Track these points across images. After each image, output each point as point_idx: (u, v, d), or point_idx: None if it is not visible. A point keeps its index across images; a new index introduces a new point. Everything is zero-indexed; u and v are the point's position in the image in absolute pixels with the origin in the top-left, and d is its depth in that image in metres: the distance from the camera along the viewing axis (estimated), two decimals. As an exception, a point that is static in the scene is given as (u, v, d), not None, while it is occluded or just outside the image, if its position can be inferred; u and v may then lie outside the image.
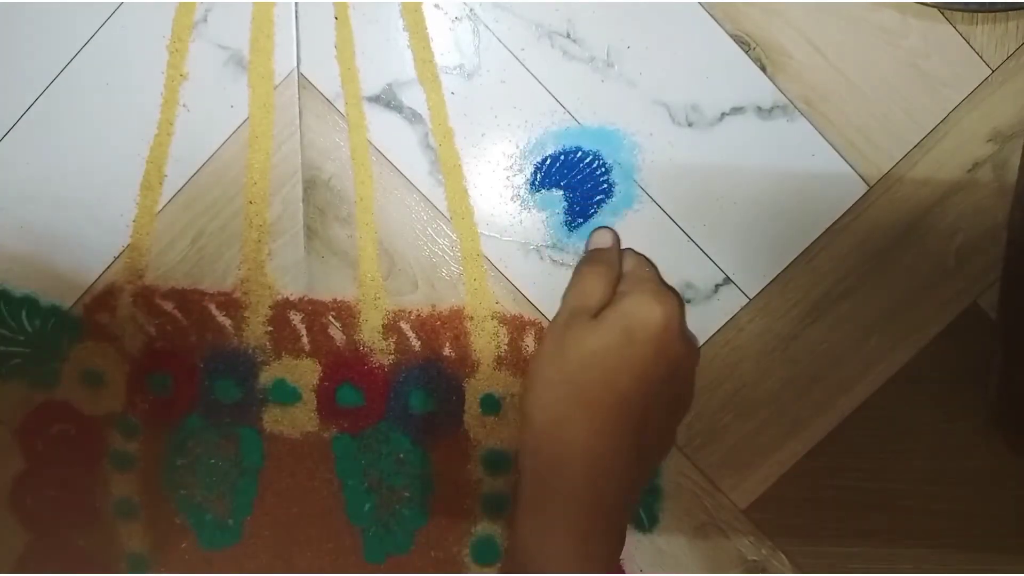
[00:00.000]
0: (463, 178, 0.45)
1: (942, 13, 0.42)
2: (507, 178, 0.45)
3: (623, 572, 0.49)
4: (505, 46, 0.44)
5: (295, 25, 0.44)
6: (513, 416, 0.47)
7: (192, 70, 0.44)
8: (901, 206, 0.45)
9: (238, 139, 0.45)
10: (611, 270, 0.42)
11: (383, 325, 0.47)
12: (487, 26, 0.44)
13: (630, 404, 0.39)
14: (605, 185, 0.45)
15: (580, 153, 0.45)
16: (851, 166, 0.44)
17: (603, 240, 0.44)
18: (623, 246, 0.45)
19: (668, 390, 0.41)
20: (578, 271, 0.43)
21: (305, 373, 0.47)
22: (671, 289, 0.44)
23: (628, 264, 0.43)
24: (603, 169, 0.45)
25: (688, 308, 0.46)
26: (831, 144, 0.44)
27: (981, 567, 0.48)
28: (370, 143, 0.45)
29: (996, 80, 0.43)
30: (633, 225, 0.45)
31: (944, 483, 0.48)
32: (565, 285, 0.45)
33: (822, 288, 0.46)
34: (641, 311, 0.39)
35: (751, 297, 0.46)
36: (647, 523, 0.48)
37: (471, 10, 0.43)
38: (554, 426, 0.39)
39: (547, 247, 0.46)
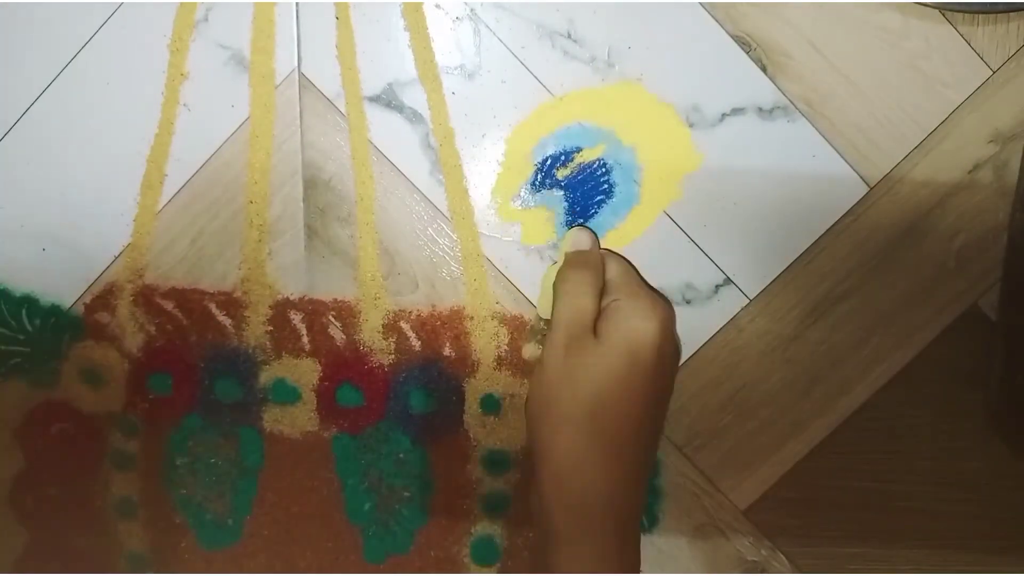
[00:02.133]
0: (464, 178, 0.45)
1: (943, 14, 0.42)
2: (508, 178, 0.45)
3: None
4: (506, 46, 0.44)
5: (296, 25, 0.44)
6: (513, 416, 0.47)
7: (193, 69, 0.44)
8: (902, 207, 0.45)
9: (239, 139, 0.45)
10: (597, 277, 0.41)
11: (383, 325, 0.47)
12: (488, 26, 0.43)
13: (643, 430, 0.39)
14: (605, 185, 0.45)
15: (581, 153, 0.45)
16: (852, 167, 0.44)
17: (582, 241, 0.43)
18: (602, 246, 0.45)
19: (667, 398, 0.42)
20: (564, 281, 0.41)
21: (305, 373, 0.47)
22: (658, 294, 0.44)
23: (612, 270, 0.42)
24: (603, 169, 0.45)
25: (688, 308, 0.46)
26: (832, 145, 0.44)
27: (981, 568, 0.48)
28: (371, 143, 0.45)
29: (997, 81, 0.43)
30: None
31: (944, 484, 0.48)
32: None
33: (822, 289, 0.46)
34: (641, 328, 0.39)
35: (751, 298, 0.46)
36: (647, 523, 0.48)
37: (472, 10, 0.43)
38: (577, 467, 0.38)
39: (547, 247, 0.46)
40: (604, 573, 0.38)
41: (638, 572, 0.41)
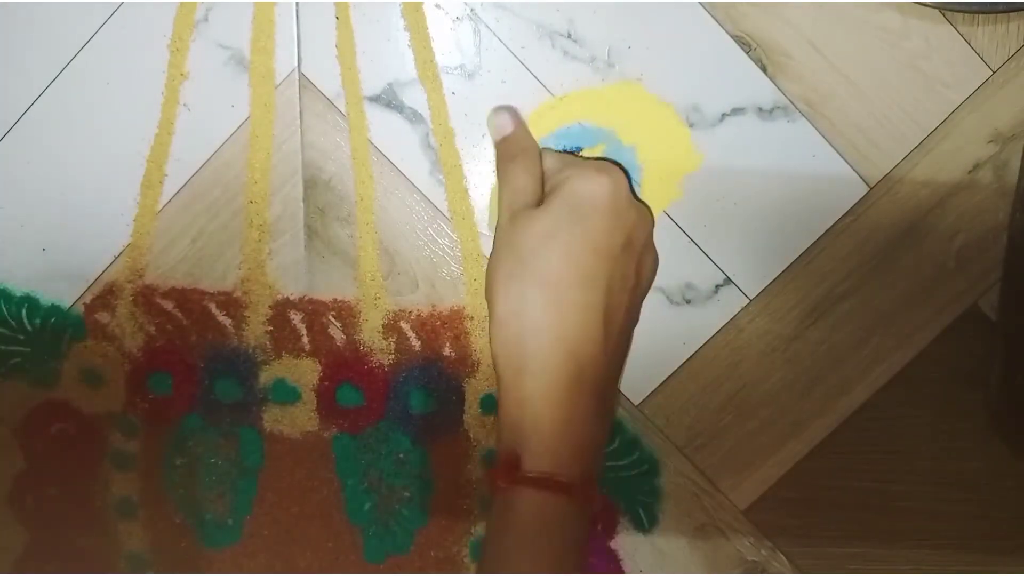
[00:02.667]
0: (464, 178, 0.45)
1: (943, 14, 0.42)
2: (508, 178, 0.45)
3: (622, 572, 0.49)
4: (506, 46, 0.44)
5: (296, 25, 0.44)
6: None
7: (193, 69, 0.44)
8: (902, 207, 0.45)
9: (239, 138, 0.45)
10: (533, 158, 0.41)
11: (383, 325, 0.47)
12: (488, 26, 0.43)
13: (593, 280, 0.38)
14: (606, 185, 0.45)
15: (581, 153, 0.45)
16: (852, 167, 0.44)
17: (504, 126, 0.42)
18: None
19: (628, 262, 0.40)
20: (501, 169, 0.41)
21: (305, 373, 0.47)
22: (611, 161, 0.42)
23: (548, 162, 0.41)
24: (604, 169, 0.45)
25: (688, 308, 0.46)
26: (832, 145, 0.44)
27: (981, 568, 0.48)
28: (371, 143, 0.45)
29: (997, 81, 0.43)
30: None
31: (944, 484, 0.48)
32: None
33: (822, 289, 0.46)
34: (585, 187, 0.38)
35: (751, 298, 0.46)
36: (647, 523, 0.48)
37: (472, 10, 0.43)
38: (516, 310, 0.38)
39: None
40: (551, 409, 0.37)
41: (599, 445, 0.40)
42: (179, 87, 0.45)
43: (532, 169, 0.40)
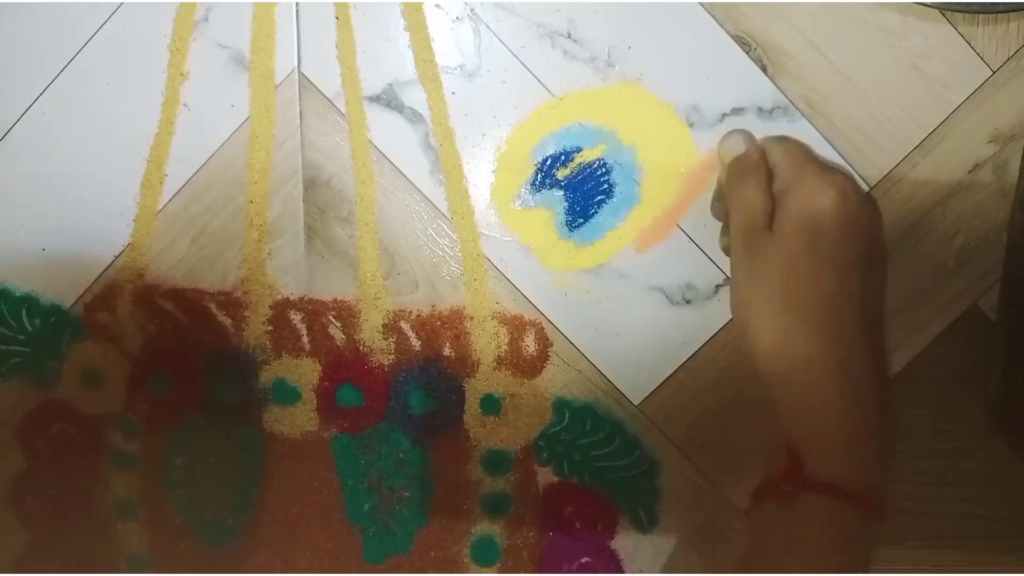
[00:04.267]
0: (464, 178, 0.45)
1: (943, 14, 0.42)
2: (508, 178, 0.45)
3: (623, 572, 0.49)
4: (506, 46, 0.44)
5: (296, 25, 0.44)
6: (513, 416, 0.47)
7: (193, 69, 0.44)
8: (902, 207, 0.45)
9: (239, 138, 0.45)
10: (762, 173, 0.40)
11: (383, 325, 0.47)
12: (488, 26, 0.43)
13: (846, 296, 0.38)
14: (605, 185, 0.45)
15: (581, 153, 0.45)
16: (852, 167, 0.44)
17: (736, 146, 0.41)
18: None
19: (871, 266, 0.39)
20: (731, 190, 0.40)
21: (305, 373, 0.47)
22: (829, 165, 0.41)
23: (775, 155, 0.40)
24: (603, 169, 0.45)
25: (688, 308, 0.46)
26: (832, 145, 0.44)
27: (981, 568, 0.48)
28: (371, 143, 0.45)
29: (997, 81, 0.43)
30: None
31: (944, 484, 0.48)
32: (564, 288, 0.45)
33: (822, 289, 0.46)
34: (812, 204, 0.37)
35: (751, 298, 0.46)
36: (647, 523, 0.48)
37: (472, 10, 0.43)
38: (782, 345, 0.37)
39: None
40: (836, 426, 0.36)
41: (885, 460, 0.39)
42: (179, 87, 0.45)
43: (763, 184, 0.39)
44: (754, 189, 0.39)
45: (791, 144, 0.41)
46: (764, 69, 0.43)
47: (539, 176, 0.45)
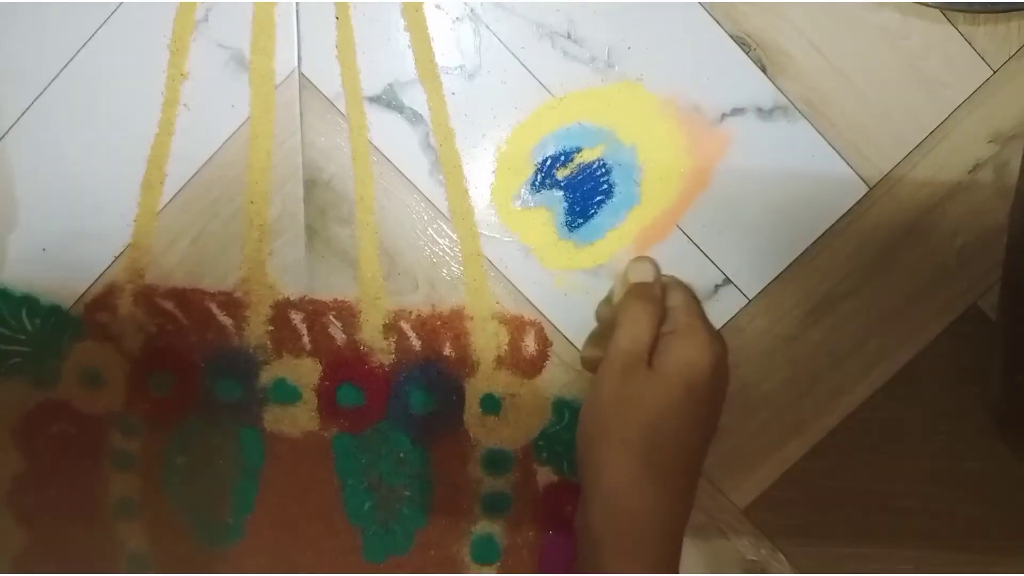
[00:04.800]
0: (464, 178, 0.45)
1: (943, 14, 0.42)
2: (508, 178, 0.45)
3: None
4: (506, 46, 0.44)
5: (296, 25, 0.44)
6: (513, 416, 0.47)
7: (193, 69, 0.44)
8: (902, 207, 0.45)
9: (239, 139, 0.45)
10: (658, 308, 0.41)
11: (383, 325, 0.47)
12: (488, 26, 0.43)
13: (694, 460, 0.40)
14: (605, 185, 0.45)
15: (580, 153, 0.45)
16: (851, 167, 0.44)
17: (645, 273, 0.42)
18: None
19: (713, 429, 0.41)
20: (626, 310, 0.41)
21: (306, 373, 0.47)
22: (713, 329, 0.42)
23: (673, 299, 0.42)
24: (603, 169, 0.45)
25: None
26: (832, 145, 0.44)
27: (981, 568, 0.48)
28: (371, 143, 0.45)
29: (997, 81, 0.43)
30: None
31: (944, 484, 0.48)
32: (564, 288, 0.45)
33: (822, 289, 0.46)
34: (696, 361, 0.39)
35: (751, 298, 0.46)
36: (647, 523, 0.48)
37: (472, 10, 0.43)
38: (628, 491, 0.38)
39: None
40: None
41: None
42: (179, 87, 0.45)
43: (655, 319, 0.40)
44: (649, 319, 0.40)
45: (691, 295, 0.42)
46: (764, 69, 0.43)
47: (539, 176, 0.45)
